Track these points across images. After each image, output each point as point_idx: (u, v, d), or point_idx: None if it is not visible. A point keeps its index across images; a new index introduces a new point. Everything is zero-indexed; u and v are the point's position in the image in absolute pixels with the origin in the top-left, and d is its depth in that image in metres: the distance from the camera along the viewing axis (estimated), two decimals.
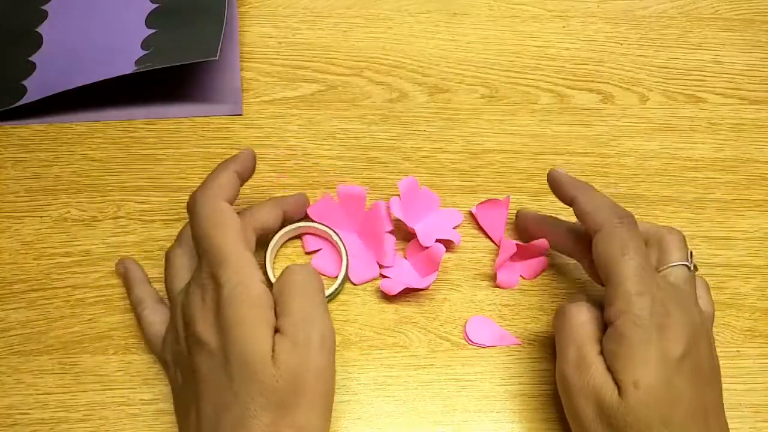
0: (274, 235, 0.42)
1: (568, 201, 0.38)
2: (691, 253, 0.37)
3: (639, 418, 0.32)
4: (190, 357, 0.33)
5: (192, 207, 0.35)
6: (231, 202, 0.35)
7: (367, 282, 0.43)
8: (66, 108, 0.47)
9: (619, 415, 0.32)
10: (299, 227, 0.43)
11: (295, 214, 0.42)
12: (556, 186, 0.39)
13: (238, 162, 0.37)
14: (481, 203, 0.45)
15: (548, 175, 0.40)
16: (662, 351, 0.33)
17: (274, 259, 0.43)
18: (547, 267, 0.43)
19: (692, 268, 0.37)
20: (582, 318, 0.35)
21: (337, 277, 0.41)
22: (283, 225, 0.42)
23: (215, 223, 0.34)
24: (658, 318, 0.33)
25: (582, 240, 0.40)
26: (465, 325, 0.41)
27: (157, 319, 0.38)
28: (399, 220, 0.42)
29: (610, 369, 0.33)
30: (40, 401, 0.38)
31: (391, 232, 0.43)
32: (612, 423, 0.33)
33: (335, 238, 0.42)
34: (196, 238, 0.34)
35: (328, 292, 0.41)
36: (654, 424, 0.32)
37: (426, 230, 0.43)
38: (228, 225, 0.34)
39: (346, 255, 0.42)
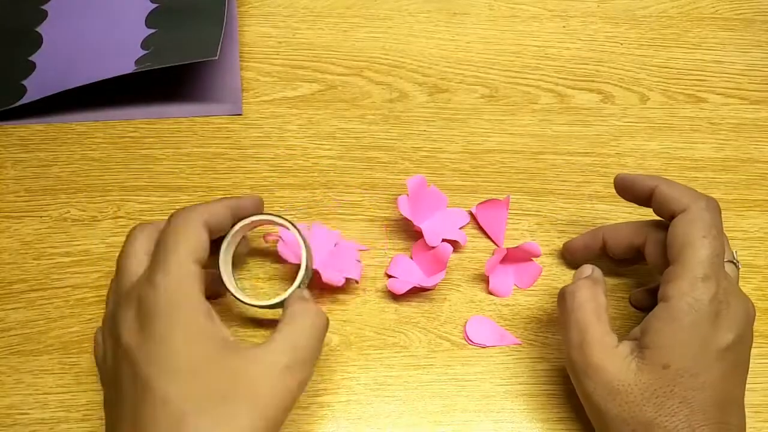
0: (226, 234, 0.38)
1: (647, 193, 0.37)
2: (736, 252, 0.38)
3: (658, 394, 0.32)
4: (113, 364, 0.32)
5: (170, 216, 0.35)
6: (211, 228, 0.34)
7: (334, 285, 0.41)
8: (66, 108, 0.47)
9: (635, 390, 0.33)
10: (253, 221, 0.39)
11: (246, 212, 0.39)
12: (629, 185, 0.39)
13: (237, 200, 0.37)
14: (481, 203, 0.45)
15: (616, 180, 0.39)
16: (709, 340, 0.33)
17: (232, 258, 0.39)
18: (540, 274, 0.43)
19: (739, 266, 0.37)
20: (581, 298, 0.36)
21: (299, 266, 0.38)
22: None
23: (178, 232, 0.33)
24: (717, 305, 0.33)
25: (641, 227, 0.39)
26: (465, 325, 0.41)
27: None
28: (406, 219, 0.42)
29: (642, 343, 0.34)
30: (40, 401, 0.38)
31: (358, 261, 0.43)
32: (626, 399, 0.33)
33: (293, 230, 0.38)
34: (156, 244, 0.33)
35: (295, 284, 0.37)
36: (672, 403, 0.32)
37: (432, 230, 0.43)
38: (189, 239, 0.33)
39: (305, 246, 0.38)
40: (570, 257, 0.44)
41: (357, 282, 0.42)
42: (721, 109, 0.51)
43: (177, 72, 0.48)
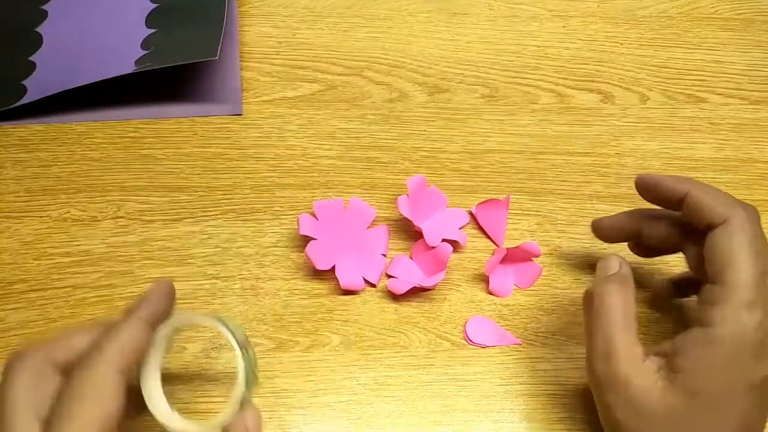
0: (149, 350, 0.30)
1: (674, 198, 0.35)
2: None
3: (681, 422, 0.31)
4: None
5: (77, 378, 0.27)
6: (132, 367, 0.28)
7: (352, 290, 0.42)
8: (66, 108, 0.47)
9: (658, 410, 0.31)
10: (175, 327, 0.31)
11: (163, 313, 0.31)
12: (652, 186, 0.36)
13: (148, 308, 0.30)
14: (481, 203, 0.45)
15: (637, 180, 0.37)
16: (747, 372, 0.31)
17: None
18: (540, 274, 0.43)
19: None
20: (609, 303, 0.33)
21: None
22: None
23: (81, 396, 0.26)
24: (762, 335, 0.31)
25: (685, 227, 0.36)
26: (465, 325, 0.41)
27: None
28: (406, 219, 0.42)
29: (673, 364, 0.31)
30: None
31: (384, 255, 0.43)
32: (647, 418, 0.31)
33: (227, 335, 0.31)
34: (54, 406, 0.27)
35: (232, 406, 0.30)
36: (700, 429, 0.31)
37: (432, 230, 0.43)
38: (95, 407, 0.26)
39: (243, 354, 0.31)
40: (601, 236, 0.40)
41: (375, 285, 0.42)
42: (721, 109, 0.51)
43: (177, 72, 0.48)
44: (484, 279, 0.43)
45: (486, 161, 0.48)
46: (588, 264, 0.44)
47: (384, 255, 0.43)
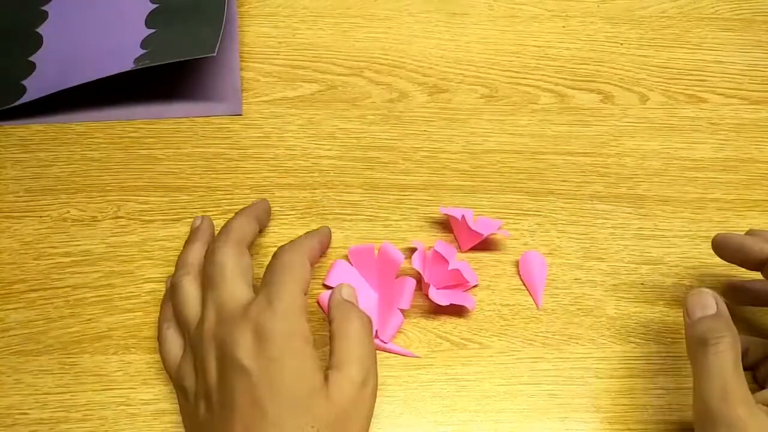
0: None
1: (760, 261, 0.37)
2: None
3: None
4: (222, 384, 0.33)
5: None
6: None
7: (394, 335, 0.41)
8: (66, 108, 0.47)
9: None
10: None
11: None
12: (735, 248, 0.38)
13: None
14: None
15: (716, 240, 0.39)
16: None
17: None
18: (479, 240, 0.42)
19: None
20: (724, 344, 0.33)
21: None
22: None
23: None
24: None
25: None
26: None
27: (178, 342, 0.37)
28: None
29: None
30: (40, 401, 0.38)
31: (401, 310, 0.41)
32: None
33: None
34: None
35: None
36: None
37: (438, 291, 0.41)
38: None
39: None
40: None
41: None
42: (721, 109, 0.51)
43: (177, 72, 0.48)
44: (484, 279, 0.43)
45: (486, 161, 0.48)
46: (588, 264, 0.44)
47: (401, 310, 0.41)
